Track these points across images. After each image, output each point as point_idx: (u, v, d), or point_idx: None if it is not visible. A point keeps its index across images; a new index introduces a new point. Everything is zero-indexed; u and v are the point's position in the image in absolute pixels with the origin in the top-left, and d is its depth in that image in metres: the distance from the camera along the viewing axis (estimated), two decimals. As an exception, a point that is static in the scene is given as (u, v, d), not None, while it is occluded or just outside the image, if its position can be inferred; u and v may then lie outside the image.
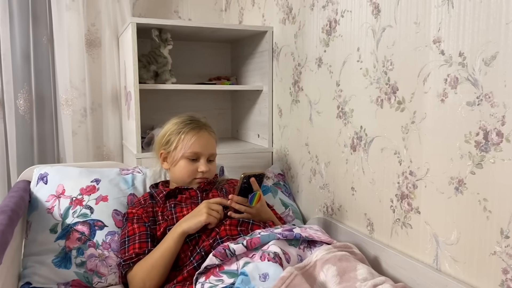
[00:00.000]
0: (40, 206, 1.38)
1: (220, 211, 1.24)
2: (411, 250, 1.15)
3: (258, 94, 2.01)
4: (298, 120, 1.70)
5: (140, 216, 1.33)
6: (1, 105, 1.95)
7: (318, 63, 1.53)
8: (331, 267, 1.03)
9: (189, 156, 1.38)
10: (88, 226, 1.35)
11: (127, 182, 1.50)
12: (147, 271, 1.19)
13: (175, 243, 1.19)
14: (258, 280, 0.97)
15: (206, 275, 1.09)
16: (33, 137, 2.05)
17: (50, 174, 1.46)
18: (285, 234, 1.13)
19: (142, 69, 1.83)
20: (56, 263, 1.29)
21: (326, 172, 1.52)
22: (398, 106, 1.16)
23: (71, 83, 2.05)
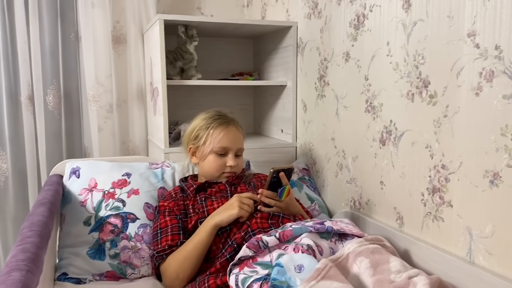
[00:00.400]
0: (74, 199, 1.42)
1: (251, 205, 1.26)
2: (443, 243, 1.15)
3: (281, 89, 2.02)
4: (323, 115, 1.71)
5: (171, 209, 1.35)
6: (31, 101, 1.99)
7: (345, 57, 1.53)
8: (364, 259, 1.04)
9: (217, 151, 1.40)
10: (121, 218, 1.39)
11: (156, 176, 1.53)
12: (180, 262, 1.21)
13: (208, 235, 1.22)
14: (293, 271, 0.98)
15: (240, 266, 1.11)
16: (62, 133, 2.09)
17: (82, 168, 1.50)
18: (316, 227, 1.14)
19: (168, 66, 1.86)
20: (91, 254, 1.33)
21: (353, 167, 1.53)
22: (430, 100, 1.16)
23: (97, 79, 2.08)
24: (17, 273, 0.71)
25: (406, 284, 0.93)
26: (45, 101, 2.03)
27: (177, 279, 1.22)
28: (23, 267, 0.73)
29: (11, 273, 0.70)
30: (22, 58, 1.96)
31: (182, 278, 1.22)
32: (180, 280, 1.22)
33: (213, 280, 1.16)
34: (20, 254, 0.79)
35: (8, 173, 1.99)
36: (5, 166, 1.99)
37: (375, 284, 0.96)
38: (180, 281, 1.22)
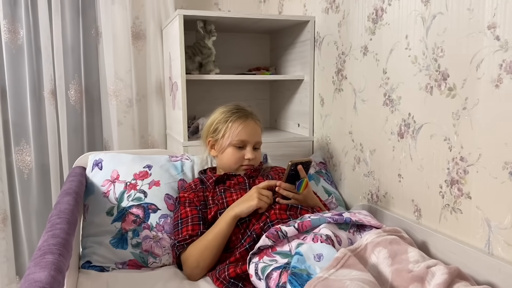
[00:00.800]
0: (96, 190, 1.46)
1: (270, 196, 1.28)
2: (461, 235, 1.16)
3: (298, 83, 2.04)
4: (341, 108, 1.72)
5: (191, 200, 1.38)
6: (54, 95, 2.04)
7: (363, 51, 1.54)
8: (382, 249, 1.05)
9: (236, 143, 1.43)
10: (143, 209, 1.42)
11: (176, 168, 1.56)
12: (201, 251, 1.24)
13: (228, 226, 1.24)
14: (313, 260, 1.00)
15: (259, 255, 1.14)
16: (83, 127, 2.14)
17: (104, 160, 1.54)
18: (335, 218, 1.16)
19: (187, 60, 1.89)
20: (113, 243, 1.37)
21: (371, 160, 1.54)
22: (449, 93, 1.17)
23: (117, 74, 2.12)
24: (51, 256, 0.74)
25: (424, 273, 0.94)
26: (67, 95, 2.08)
27: (197, 268, 1.25)
28: (55, 251, 0.77)
29: (44, 256, 0.74)
30: (45, 54, 2.01)
31: (202, 267, 1.25)
32: (201, 269, 1.25)
33: (233, 268, 1.18)
34: (51, 239, 0.83)
35: (32, 166, 2.05)
36: (28, 158, 2.04)
37: (393, 273, 0.98)
38: (200, 269, 1.25)
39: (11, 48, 1.98)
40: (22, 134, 2.04)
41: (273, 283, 1.02)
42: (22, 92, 2.02)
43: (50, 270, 0.68)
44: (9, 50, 1.97)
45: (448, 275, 0.92)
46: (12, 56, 1.99)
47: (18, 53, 2.00)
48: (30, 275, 0.67)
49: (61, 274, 0.71)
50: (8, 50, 1.97)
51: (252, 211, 1.26)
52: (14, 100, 2.01)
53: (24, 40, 1.99)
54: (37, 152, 2.06)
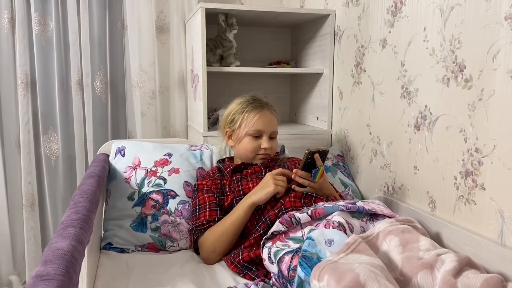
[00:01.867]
0: (119, 176, 1.52)
1: (285, 180, 1.31)
2: (474, 226, 1.16)
3: (318, 77, 2.05)
4: (359, 101, 1.73)
5: (209, 187, 1.42)
6: (80, 86, 2.12)
7: (382, 44, 1.54)
8: (394, 238, 1.06)
9: (252, 133, 1.46)
10: (162, 195, 1.47)
11: (196, 157, 1.61)
12: (218, 236, 1.28)
13: (245, 213, 1.28)
14: (324, 245, 1.02)
15: (272, 240, 1.17)
16: (108, 117, 2.21)
17: (127, 148, 1.59)
18: (348, 206, 1.18)
19: (209, 53, 1.93)
20: (134, 227, 1.42)
21: (387, 152, 1.55)
22: (465, 84, 1.17)
23: (141, 67, 2.19)
24: (72, 229, 0.79)
25: (434, 261, 0.95)
26: (93, 87, 2.16)
27: (213, 253, 1.29)
28: (77, 225, 0.81)
29: (66, 229, 0.79)
30: (73, 46, 2.08)
31: (218, 252, 1.29)
32: (217, 253, 1.29)
33: (247, 253, 1.22)
34: (73, 214, 0.88)
35: (59, 153, 2.13)
36: (56, 146, 2.13)
37: (403, 260, 0.99)
38: (216, 254, 1.29)
39: (41, 40, 2.06)
40: (50, 123, 2.13)
41: (284, 267, 1.04)
42: (50, 83, 2.11)
43: (72, 240, 0.73)
44: (39, 42, 2.06)
45: (458, 263, 0.93)
46: (42, 48, 2.07)
47: (48, 45, 2.08)
48: (53, 244, 0.72)
49: (81, 245, 0.75)
50: (38, 42, 2.06)
51: (270, 198, 1.29)
52: (43, 91, 2.10)
53: (53, 33, 2.07)
54: (64, 141, 2.14)
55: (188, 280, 1.14)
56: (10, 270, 2.19)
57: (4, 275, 2.17)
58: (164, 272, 1.20)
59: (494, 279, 0.87)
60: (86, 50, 2.10)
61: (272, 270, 1.11)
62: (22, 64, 2.03)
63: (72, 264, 0.66)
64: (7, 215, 2.12)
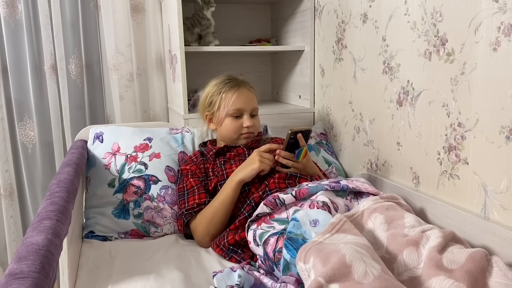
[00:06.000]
0: (98, 162, 1.47)
1: (271, 158, 1.29)
2: (458, 200, 1.16)
3: (299, 54, 2.02)
4: (341, 78, 1.70)
5: (194, 171, 1.40)
6: (54, 70, 2.04)
7: (363, 19, 1.52)
8: (379, 215, 1.06)
9: (232, 113, 1.43)
10: (144, 180, 1.44)
11: (177, 141, 1.57)
12: (210, 219, 1.26)
13: (233, 192, 1.26)
14: (309, 226, 1.02)
15: (257, 222, 1.15)
16: (85, 101, 2.15)
17: (105, 133, 1.55)
18: (332, 185, 1.17)
19: (186, 32, 1.87)
20: (116, 214, 1.39)
21: (370, 129, 1.54)
22: (447, 58, 1.15)
23: (117, 48, 2.12)
24: (48, 222, 0.76)
25: (419, 237, 0.95)
26: (67, 70, 2.08)
27: (207, 235, 1.27)
28: (53, 217, 0.78)
29: (42, 221, 0.76)
30: (45, 30, 2.00)
31: (213, 234, 1.27)
32: (211, 235, 1.27)
33: (232, 236, 1.20)
34: (49, 206, 0.84)
35: (36, 140, 2.07)
36: (32, 133, 2.06)
37: (389, 238, 0.99)
38: (210, 236, 1.27)
39: (10, 23, 1.97)
40: (25, 110, 2.05)
41: (270, 249, 1.03)
42: (23, 68, 2.02)
43: (47, 234, 0.70)
44: (8, 25, 1.97)
45: (443, 238, 0.93)
46: (12, 31, 1.98)
47: (17, 28, 1.99)
48: (28, 239, 0.68)
49: (58, 238, 0.72)
50: (7, 25, 1.96)
51: (255, 174, 1.27)
52: (16, 77, 2.02)
53: (22, 15, 1.98)
54: (40, 127, 2.07)
55: (173, 266, 1.12)
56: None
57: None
58: (149, 258, 1.18)
59: (478, 253, 0.88)
60: (58, 32, 2.02)
61: (258, 253, 1.10)
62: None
63: (48, 259, 0.63)
64: (-16, 206, 2.07)
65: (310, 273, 0.84)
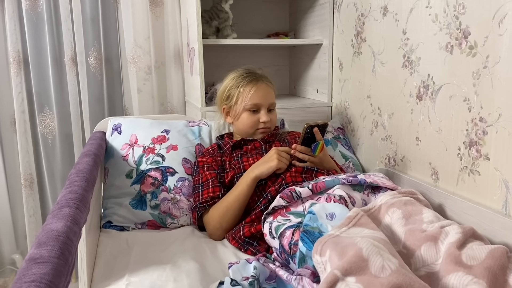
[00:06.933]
0: (116, 154, 1.49)
1: (288, 158, 1.29)
2: (478, 197, 1.14)
3: (317, 48, 2.00)
4: (360, 72, 1.69)
5: (210, 164, 1.40)
6: (74, 63, 2.07)
7: (383, 12, 1.49)
8: (396, 210, 1.04)
9: (250, 108, 1.42)
10: (161, 172, 1.45)
11: (194, 133, 1.58)
12: (223, 213, 1.27)
13: (248, 187, 1.26)
14: (325, 219, 1.01)
15: (273, 215, 1.15)
16: (103, 93, 2.17)
17: (123, 125, 1.56)
18: (349, 179, 1.16)
19: (204, 25, 1.87)
20: (133, 205, 1.41)
21: (389, 124, 1.52)
22: (470, 51, 1.13)
23: (136, 41, 2.13)
24: (67, 209, 0.77)
25: (438, 233, 0.94)
26: (87, 63, 2.11)
27: (220, 229, 1.28)
28: (72, 205, 0.79)
29: (62, 209, 0.77)
30: (65, 23, 2.02)
31: (225, 228, 1.28)
32: (223, 229, 1.28)
33: (247, 228, 1.21)
34: (69, 194, 0.86)
35: (55, 132, 2.10)
36: (52, 125, 2.10)
37: (406, 233, 0.97)
38: (223, 230, 1.28)
39: (32, 16, 2.00)
40: (45, 101, 2.09)
41: (286, 241, 1.03)
42: (43, 61, 2.05)
43: (67, 221, 0.71)
44: (30, 18, 2.00)
45: (462, 234, 0.91)
46: (33, 24, 2.01)
47: (39, 21, 2.02)
48: (48, 225, 0.70)
49: (77, 225, 0.74)
50: (29, 18, 1.99)
51: (272, 172, 1.27)
52: (36, 69, 2.05)
53: (43, 8, 2.00)
54: (60, 119, 2.10)
55: (189, 257, 1.13)
56: (13, 249, 2.19)
57: (7, 254, 2.18)
58: (165, 249, 1.20)
59: (498, 250, 0.86)
60: (78, 26, 2.04)
61: (274, 245, 1.10)
62: (13, 42, 1.98)
63: (67, 245, 0.64)
64: (7, 195, 2.11)
65: (326, 266, 0.83)
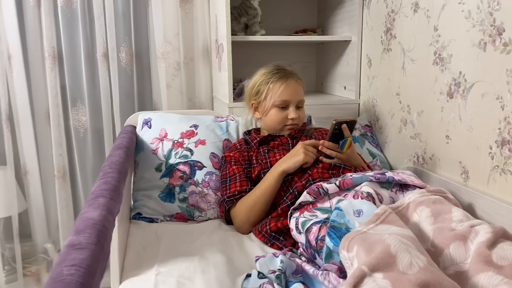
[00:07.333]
0: (146, 147, 1.53)
1: (315, 152, 1.29)
2: (510, 197, 1.12)
3: (346, 45, 1.99)
4: (389, 69, 1.67)
5: (237, 159, 1.42)
6: (106, 58, 2.12)
7: (414, 8, 1.47)
8: (425, 208, 1.03)
9: (278, 104, 1.43)
10: (189, 166, 1.48)
11: (222, 129, 1.60)
12: (250, 207, 1.28)
13: (276, 181, 1.27)
14: (352, 215, 1.01)
15: (300, 210, 1.16)
16: (134, 88, 2.22)
17: (153, 119, 1.60)
18: (377, 177, 1.15)
19: (233, 22, 1.89)
20: (162, 197, 1.44)
21: (418, 122, 1.50)
22: (504, 48, 1.10)
23: (165, 37, 2.16)
24: (102, 199, 0.80)
25: (467, 232, 0.92)
26: (118, 58, 2.16)
27: (247, 223, 1.30)
28: (107, 195, 0.82)
29: (97, 199, 0.80)
30: (98, 19, 2.07)
31: (252, 222, 1.29)
32: (250, 223, 1.29)
33: (274, 223, 1.22)
34: (103, 185, 0.89)
35: (87, 125, 2.16)
36: (84, 118, 2.16)
37: (435, 231, 0.97)
38: (250, 224, 1.29)
39: (66, 13, 2.06)
40: (78, 96, 2.15)
41: (312, 236, 1.04)
42: (77, 56, 2.11)
43: (102, 210, 0.74)
44: (64, 14, 2.06)
45: (492, 234, 0.90)
46: (68, 20, 2.07)
47: (73, 18, 2.08)
48: (84, 214, 0.73)
49: (111, 215, 0.76)
50: (63, 15, 2.05)
51: (299, 166, 1.28)
52: (70, 64, 2.11)
53: (78, 5, 2.06)
54: (92, 113, 2.16)
55: (216, 249, 1.15)
56: (45, 239, 2.27)
57: (40, 243, 2.26)
58: (193, 241, 1.22)
59: (530, 251, 0.84)
60: (111, 22, 2.09)
61: (300, 240, 1.11)
62: (49, 38, 2.04)
63: (103, 233, 0.66)
64: (40, 187, 2.18)
65: (353, 262, 0.84)
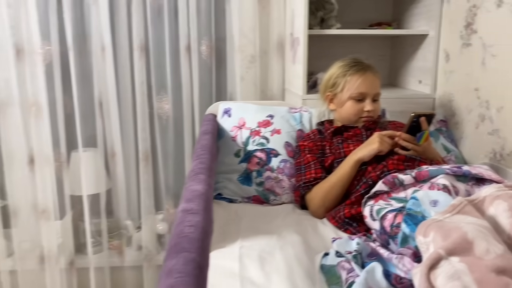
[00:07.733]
0: (226, 134, 1.64)
1: (391, 142, 1.33)
2: None
3: (422, 39, 1.98)
4: (467, 64, 1.65)
5: (311, 148, 1.49)
6: (188, 51, 2.27)
7: (498, 2, 1.45)
8: (502, 202, 1.04)
9: (355, 96, 1.48)
10: (265, 153, 1.57)
11: (295, 119, 1.68)
12: (326, 192, 1.35)
13: (351, 169, 1.33)
14: (428, 205, 1.05)
15: (374, 199, 1.21)
16: (212, 80, 2.35)
17: (232, 109, 1.71)
18: (454, 170, 1.17)
19: (310, 16, 1.94)
20: (240, 181, 1.55)
21: (497, 117, 1.48)
22: None
23: (242, 31, 2.27)
24: (202, 175, 0.91)
25: (547, 227, 0.93)
26: (199, 51, 2.30)
27: (322, 207, 1.37)
28: (205, 172, 0.93)
29: (198, 175, 0.91)
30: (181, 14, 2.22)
31: (327, 207, 1.36)
32: (325, 208, 1.36)
33: (348, 209, 1.28)
34: (199, 164, 1.00)
35: (170, 113, 2.33)
36: (167, 107, 2.33)
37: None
38: (325, 209, 1.36)
39: (154, 8, 2.23)
40: (162, 85, 2.32)
41: (387, 223, 1.09)
42: (161, 48, 2.28)
43: (204, 184, 0.85)
44: (152, 9, 2.23)
45: None
46: (155, 15, 2.24)
47: (160, 13, 2.24)
48: (189, 187, 0.84)
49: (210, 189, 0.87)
50: (151, 10, 2.22)
51: (374, 155, 1.32)
52: (155, 56, 2.28)
53: (164, 1, 2.22)
54: (174, 101, 2.33)
55: (292, 230, 1.23)
56: (125, 216, 2.47)
57: (121, 219, 2.47)
58: (270, 221, 1.32)
59: None
60: (193, 17, 2.23)
61: (374, 227, 1.16)
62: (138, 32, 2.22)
63: (207, 203, 0.77)
64: (123, 168, 2.38)
65: (430, 246, 0.88)
